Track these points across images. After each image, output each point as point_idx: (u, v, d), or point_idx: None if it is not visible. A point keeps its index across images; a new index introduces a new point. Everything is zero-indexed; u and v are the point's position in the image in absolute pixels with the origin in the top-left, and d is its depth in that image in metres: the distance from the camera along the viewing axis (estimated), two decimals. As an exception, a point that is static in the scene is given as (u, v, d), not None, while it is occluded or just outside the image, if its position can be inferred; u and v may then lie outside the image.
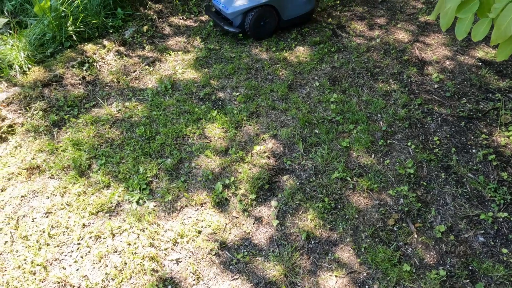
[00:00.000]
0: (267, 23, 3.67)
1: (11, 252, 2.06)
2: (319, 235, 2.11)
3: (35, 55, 3.32)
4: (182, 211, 2.26)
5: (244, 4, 3.50)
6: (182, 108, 2.95)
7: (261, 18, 3.60)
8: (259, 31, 3.68)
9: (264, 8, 3.53)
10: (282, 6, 3.63)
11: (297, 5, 3.73)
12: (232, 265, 1.99)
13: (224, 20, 3.71)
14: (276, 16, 3.66)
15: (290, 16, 3.75)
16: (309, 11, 3.85)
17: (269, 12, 3.59)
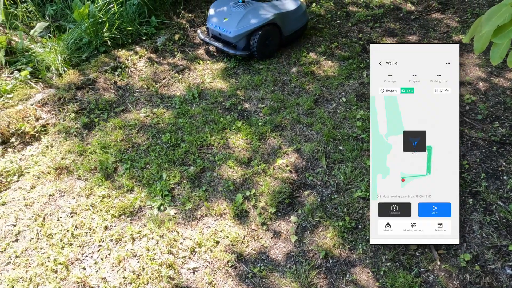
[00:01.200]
0: (271, 42, 3.60)
1: (35, 249, 2.13)
2: (337, 254, 2.07)
3: (71, 59, 3.46)
4: (202, 220, 2.27)
5: (248, 26, 3.40)
6: (208, 117, 2.99)
7: (266, 37, 3.52)
8: (265, 51, 3.60)
9: (269, 27, 3.47)
10: (284, 22, 3.59)
11: (294, 20, 3.71)
12: (248, 279, 1.98)
13: (225, 44, 3.57)
14: (278, 33, 3.62)
15: (290, 32, 3.71)
16: (304, 24, 3.86)
17: (273, 30, 3.54)
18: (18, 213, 2.31)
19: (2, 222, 2.27)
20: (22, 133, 2.80)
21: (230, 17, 3.49)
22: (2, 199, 2.40)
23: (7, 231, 2.22)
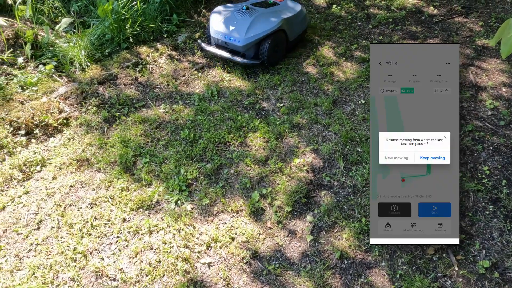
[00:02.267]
0: (280, 48, 3.53)
1: (56, 237, 2.18)
2: (353, 255, 2.06)
3: (94, 54, 3.53)
4: (218, 216, 2.29)
5: (258, 33, 3.30)
6: (226, 115, 3.01)
7: (276, 44, 3.44)
8: (275, 58, 3.53)
9: (277, 33, 3.40)
10: (289, 27, 3.53)
11: (298, 24, 3.66)
12: (263, 276, 1.99)
13: (233, 53, 3.44)
14: (285, 39, 3.55)
15: (294, 36, 3.66)
16: (305, 29, 3.82)
17: (281, 36, 3.48)
18: (40, 202, 2.37)
19: (24, 210, 2.33)
20: (46, 125, 2.87)
21: (236, 25, 3.37)
22: (25, 188, 2.46)
23: (29, 219, 2.28)
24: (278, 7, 3.64)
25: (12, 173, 2.53)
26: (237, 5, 3.64)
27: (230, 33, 3.35)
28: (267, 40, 3.34)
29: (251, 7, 3.51)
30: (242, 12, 3.45)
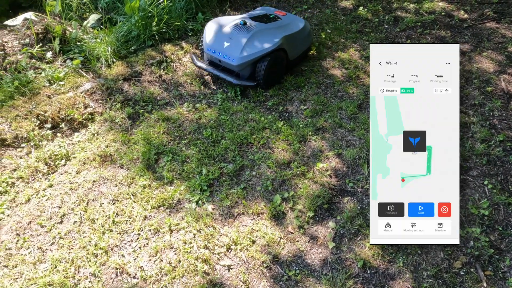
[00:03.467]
0: (278, 69, 3.22)
1: (78, 232, 2.20)
2: (376, 265, 2.01)
3: (120, 51, 3.56)
4: (239, 218, 2.27)
5: (255, 52, 2.99)
6: (249, 116, 2.99)
7: (274, 64, 3.13)
8: (272, 79, 3.21)
9: (276, 52, 3.10)
10: (291, 45, 3.24)
11: (301, 42, 3.39)
12: (283, 281, 1.96)
13: (226, 71, 3.16)
14: (285, 58, 3.25)
15: (295, 56, 3.38)
16: (309, 46, 3.56)
17: (280, 56, 3.17)
18: (63, 196, 2.40)
19: (48, 204, 2.36)
20: (71, 120, 2.91)
21: (232, 41, 3.06)
22: (50, 181, 2.50)
23: (53, 213, 2.31)
24: (280, 22, 3.32)
25: (38, 166, 2.57)
26: (236, 18, 3.33)
27: (224, 50, 3.06)
28: (264, 60, 3.04)
29: (249, 22, 3.19)
30: (239, 27, 3.13)
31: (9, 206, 2.36)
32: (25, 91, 2.99)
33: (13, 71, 3.11)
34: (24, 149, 2.69)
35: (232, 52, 3.03)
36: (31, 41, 3.41)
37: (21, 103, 2.91)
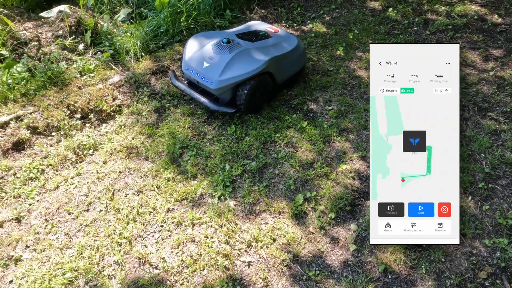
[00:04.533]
0: (262, 94, 2.90)
1: (103, 220, 2.26)
2: (398, 270, 1.98)
3: (149, 45, 3.62)
4: (260, 215, 2.28)
5: (235, 76, 2.67)
6: (273, 114, 2.99)
7: (257, 89, 2.80)
8: (254, 105, 2.90)
9: (261, 76, 2.78)
10: (278, 68, 2.91)
11: (291, 63, 3.05)
12: (302, 281, 1.96)
13: (204, 94, 2.85)
14: (271, 82, 2.94)
15: (284, 78, 3.07)
16: (302, 67, 3.24)
17: (265, 79, 2.84)
18: (90, 185, 2.46)
19: (76, 191, 2.43)
20: (100, 111, 2.98)
21: (212, 61, 2.75)
22: (78, 170, 2.57)
23: (80, 201, 2.38)
24: (268, 41, 2.99)
25: (67, 155, 2.65)
26: (222, 34, 3.04)
27: (203, 71, 2.75)
28: (246, 84, 2.73)
29: (234, 39, 2.88)
30: (221, 46, 2.80)
31: (39, 192, 2.44)
32: (57, 81, 3.08)
33: (46, 61, 3.21)
34: (55, 137, 2.78)
35: (211, 74, 2.71)
36: (64, 33, 3.51)
37: (53, 93, 3.00)
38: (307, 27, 4.22)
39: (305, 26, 4.25)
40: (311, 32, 4.10)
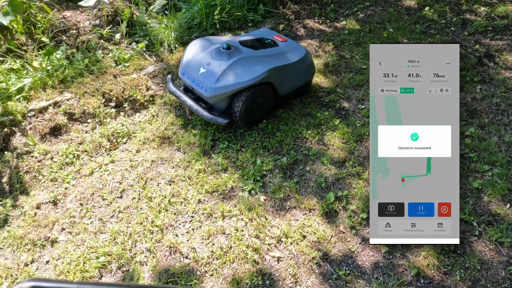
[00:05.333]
0: (261, 104, 2.72)
1: (136, 208, 2.30)
2: (430, 275, 1.94)
3: (182, 37, 3.65)
4: (290, 211, 2.28)
5: (231, 85, 2.50)
6: (305, 110, 2.97)
7: (255, 101, 2.64)
8: (251, 117, 2.72)
9: (259, 86, 2.60)
10: (281, 79, 2.72)
11: (296, 75, 2.84)
12: (332, 280, 1.95)
13: (198, 101, 2.68)
14: (272, 93, 2.74)
15: (287, 91, 2.85)
16: (309, 79, 3.03)
17: (265, 90, 2.66)
18: (124, 173, 2.51)
19: (110, 178, 2.48)
20: (134, 100, 3.03)
21: (209, 68, 2.57)
22: (112, 157, 2.62)
23: (113, 187, 2.43)
24: (273, 50, 2.77)
25: (102, 142, 2.71)
26: (226, 39, 2.90)
27: (198, 77, 2.59)
28: (242, 94, 2.56)
29: (235, 46, 2.69)
30: (220, 52, 2.62)
31: (74, 176, 2.51)
32: (94, 69, 3.14)
33: (84, 50, 3.28)
34: (90, 124, 2.84)
35: (206, 81, 2.54)
36: (101, 22, 3.57)
37: (89, 81, 3.07)
38: (340, 24, 4.16)
39: (338, 22, 4.19)
40: (344, 29, 4.05)
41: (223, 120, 2.58)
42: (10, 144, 2.65)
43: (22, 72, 3.01)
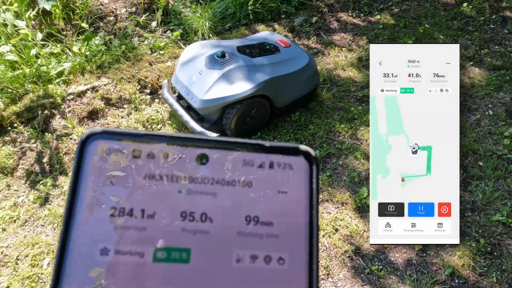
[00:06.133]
0: (254, 118, 2.55)
1: (170, 193, 2.34)
2: (465, 276, 1.92)
3: (216, 27, 3.67)
4: (323, 204, 2.28)
5: (223, 97, 2.34)
6: (338, 104, 2.95)
7: (248, 114, 2.49)
8: (243, 130, 2.55)
9: (253, 99, 2.44)
10: (279, 90, 2.53)
11: (295, 86, 2.63)
12: (364, 274, 1.95)
13: (189, 111, 2.51)
14: (268, 106, 2.56)
15: (286, 103, 2.66)
16: (313, 89, 2.81)
17: (259, 103, 2.49)
18: (159, 158, 2.56)
19: (145, 163, 2.54)
20: (168, 88, 3.07)
21: (200, 76, 2.42)
22: (146, 143, 2.68)
23: (148, 172, 2.48)
24: (273, 57, 2.57)
25: (137, 127, 2.76)
26: (223, 45, 2.67)
27: (190, 86, 2.44)
28: (234, 107, 2.40)
29: (231, 53, 2.50)
30: (213, 60, 2.45)
31: (111, 160, 2.57)
32: (130, 56, 3.20)
33: (121, 36, 3.34)
34: (126, 110, 2.90)
35: (196, 91, 2.39)
36: (138, 10, 3.62)
37: (126, 67, 3.13)
38: (375, 18, 4.09)
39: (373, 17, 4.12)
40: (378, 23, 3.98)
41: (212, 133, 2.42)
42: (50, 125, 2.74)
43: (62, 56, 3.09)
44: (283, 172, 0.32)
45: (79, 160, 0.31)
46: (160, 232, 0.30)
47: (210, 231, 0.30)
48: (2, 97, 2.78)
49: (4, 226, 2.21)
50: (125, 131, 0.32)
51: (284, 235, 0.31)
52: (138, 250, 0.29)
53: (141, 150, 0.31)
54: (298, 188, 0.32)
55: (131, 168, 0.31)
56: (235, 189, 0.31)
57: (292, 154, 0.33)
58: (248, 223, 0.31)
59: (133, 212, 0.30)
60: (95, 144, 0.31)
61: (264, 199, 0.32)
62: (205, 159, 0.32)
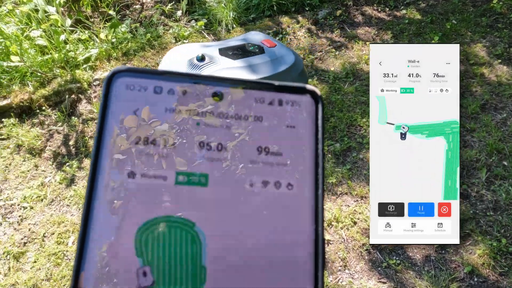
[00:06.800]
0: None
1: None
2: (485, 275, 1.90)
3: (240, 17, 3.67)
4: (342, 197, 2.29)
5: None
6: (360, 99, 2.93)
7: None
8: None
9: None
10: None
11: None
12: (381, 268, 1.96)
13: None
14: None
15: None
16: None
17: None
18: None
19: (167, 150, 2.59)
20: (191, 77, 3.11)
21: None
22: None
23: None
24: (256, 58, 2.40)
25: (160, 114, 2.81)
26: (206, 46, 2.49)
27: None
28: None
29: (211, 56, 2.33)
30: (193, 64, 2.30)
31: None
32: (155, 44, 3.25)
33: (146, 25, 3.39)
34: (149, 97, 2.95)
35: None
36: (163, -1, 3.67)
37: (150, 55, 3.18)
38: (400, 13, 4.02)
39: (398, 11, 4.06)
40: (404, 18, 3.91)
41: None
42: (76, 110, 2.81)
43: (89, 42, 3.16)
44: (292, 108, 0.36)
45: (106, 94, 0.34)
46: (181, 159, 0.34)
47: (226, 159, 0.34)
48: (32, 80, 2.87)
49: (32, 204, 2.30)
50: (147, 69, 0.36)
51: (292, 164, 0.34)
52: (161, 174, 0.33)
53: (162, 86, 0.35)
54: (305, 123, 0.35)
55: (153, 102, 0.34)
56: (247, 123, 0.35)
57: (299, 93, 0.36)
58: (260, 153, 0.34)
59: (156, 141, 0.33)
60: (120, 80, 0.34)
61: (274, 132, 0.35)
62: (220, 96, 0.35)
